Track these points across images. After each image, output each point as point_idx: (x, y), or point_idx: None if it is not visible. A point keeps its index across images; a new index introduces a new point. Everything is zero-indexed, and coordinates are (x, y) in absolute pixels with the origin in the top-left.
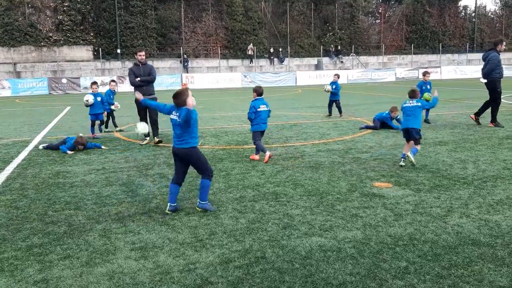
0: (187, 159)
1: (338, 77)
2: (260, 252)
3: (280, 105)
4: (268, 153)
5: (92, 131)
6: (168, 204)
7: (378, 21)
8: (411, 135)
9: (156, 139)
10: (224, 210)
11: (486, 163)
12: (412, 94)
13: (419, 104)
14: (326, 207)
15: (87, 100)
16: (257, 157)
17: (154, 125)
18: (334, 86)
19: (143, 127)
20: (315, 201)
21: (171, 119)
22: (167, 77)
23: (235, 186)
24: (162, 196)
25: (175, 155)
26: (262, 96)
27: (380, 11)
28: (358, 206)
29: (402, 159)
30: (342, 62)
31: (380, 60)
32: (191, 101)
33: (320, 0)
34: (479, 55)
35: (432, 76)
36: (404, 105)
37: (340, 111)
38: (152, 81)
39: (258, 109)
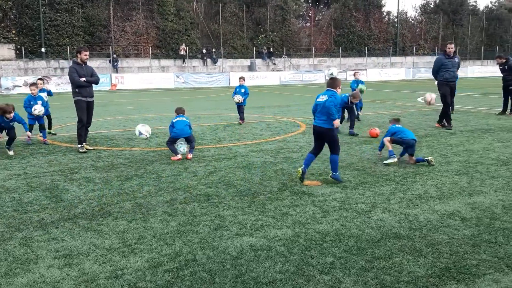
0: (323, 137)
1: (244, 80)
2: (191, 255)
3: (214, 105)
4: (178, 156)
5: (44, 135)
6: (303, 165)
7: (308, 24)
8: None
9: (89, 147)
10: (154, 214)
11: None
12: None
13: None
14: (258, 206)
15: (39, 112)
16: (176, 157)
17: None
18: (243, 90)
19: (146, 130)
20: (247, 201)
21: (318, 101)
22: None
23: (166, 189)
24: (88, 201)
25: (315, 131)
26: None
27: (310, 14)
28: (288, 205)
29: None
30: (274, 63)
31: (311, 62)
32: (340, 87)
33: (252, 2)
34: (401, 59)
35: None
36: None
37: (242, 116)
38: (97, 82)
39: (174, 120)
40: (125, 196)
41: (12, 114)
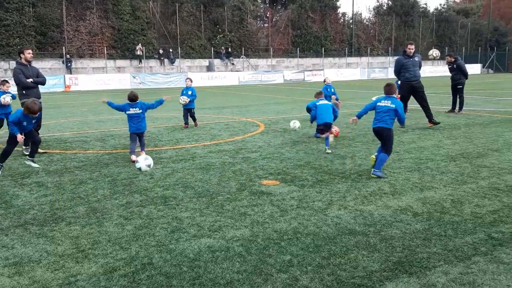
0: (383, 135)
1: (191, 82)
2: (147, 258)
3: (171, 106)
4: (133, 157)
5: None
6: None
7: (266, 25)
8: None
9: (41, 150)
10: (109, 218)
11: (361, 158)
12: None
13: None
14: (216, 207)
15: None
16: (133, 157)
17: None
18: (190, 92)
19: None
20: (205, 202)
21: (380, 105)
22: (49, 78)
23: (122, 192)
24: (40, 206)
25: (376, 132)
26: (136, 101)
27: (267, 15)
28: (247, 205)
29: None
30: (233, 64)
31: (269, 63)
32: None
33: (209, 2)
34: (357, 59)
35: (316, 78)
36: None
37: (194, 119)
38: (43, 83)
39: (128, 112)
40: (78, 201)
41: (38, 114)
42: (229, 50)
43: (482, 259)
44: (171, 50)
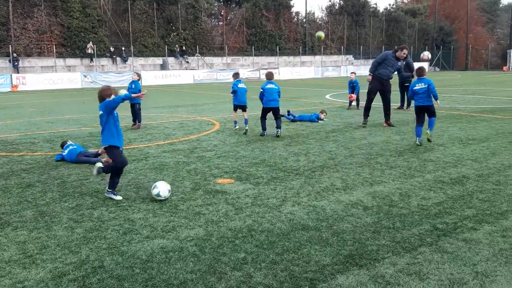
0: (426, 111)
1: (139, 77)
2: (98, 262)
3: (124, 105)
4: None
5: None
6: (417, 137)
7: (220, 23)
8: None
9: None
10: (58, 221)
11: (315, 154)
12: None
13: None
14: (170, 208)
15: None
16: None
17: None
18: (134, 86)
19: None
20: (158, 203)
21: (417, 88)
22: None
23: (71, 194)
24: None
25: (420, 108)
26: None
27: (222, 13)
28: (201, 204)
29: (418, 138)
30: (187, 62)
31: (225, 61)
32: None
33: None
34: (311, 58)
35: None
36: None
37: (139, 120)
38: None
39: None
40: (26, 204)
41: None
42: (183, 48)
43: (428, 249)
44: (123, 48)
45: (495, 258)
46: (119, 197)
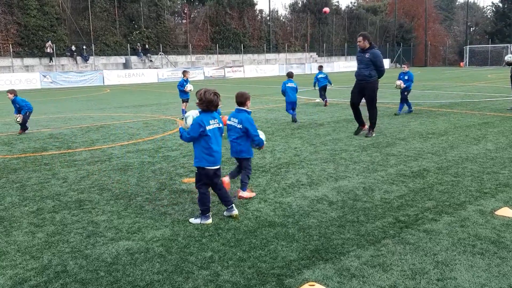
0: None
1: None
2: (61, 266)
3: (86, 106)
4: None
5: None
6: None
7: (184, 21)
8: None
9: None
10: (18, 226)
11: (280, 151)
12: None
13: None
14: (135, 209)
15: None
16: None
17: None
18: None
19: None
20: (123, 204)
21: None
22: None
23: (32, 198)
24: None
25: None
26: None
27: (185, 11)
28: (167, 204)
29: None
30: (151, 60)
31: (189, 60)
32: None
33: None
34: (275, 55)
35: (236, 75)
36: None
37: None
38: None
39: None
40: None
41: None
42: (147, 46)
43: (391, 241)
44: (84, 47)
45: (454, 248)
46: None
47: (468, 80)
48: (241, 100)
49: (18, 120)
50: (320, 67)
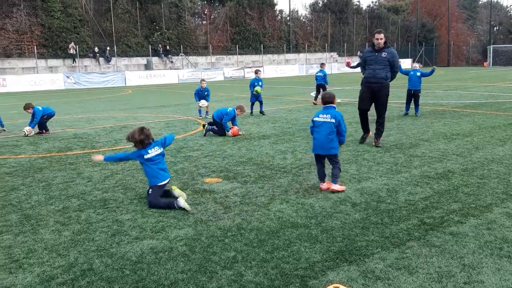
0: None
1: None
2: (87, 264)
3: (109, 106)
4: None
5: None
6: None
7: (204, 22)
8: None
9: None
10: (45, 225)
11: (302, 152)
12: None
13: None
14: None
15: None
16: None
17: None
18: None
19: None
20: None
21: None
22: None
23: (58, 197)
24: None
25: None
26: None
27: (205, 12)
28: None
29: None
30: (172, 61)
31: (209, 60)
32: None
33: None
34: (295, 55)
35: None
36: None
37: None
38: None
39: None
40: (10, 208)
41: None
42: (167, 47)
43: (416, 243)
44: (108, 48)
45: (481, 251)
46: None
47: (492, 80)
48: (329, 99)
49: (25, 134)
50: (321, 65)
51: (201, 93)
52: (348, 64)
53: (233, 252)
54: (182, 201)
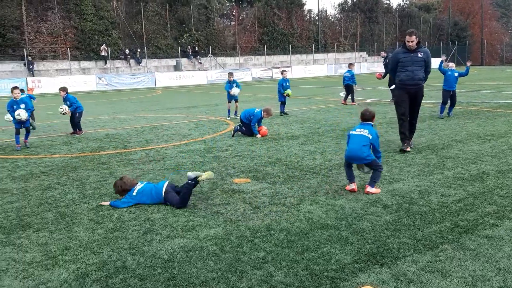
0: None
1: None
2: (120, 262)
3: (140, 107)
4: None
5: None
6: None
7: (232, 23)
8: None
9: None
10: (79, 222)
11: (331, 153)
12: None
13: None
14: (188, 207)
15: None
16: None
17: None
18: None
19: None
20: (176, 208)
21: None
22: (10, 82)
23: (91, 196)
24: (6, 213)
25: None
26: None
27: (234, 13)
28: (219, 204)
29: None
30: (200, 63)
31: (237, 61)
32: None
33: (175, 1)
34: (324, 55)
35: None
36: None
37: (78, 127)
38: None
39: None
40: (46, 206)
41: None
42: (196, 49)
43: (450, 246)
44: (139, 50)
45: None
46: None
47: None
48: (368, 117)
49: (62, 111)
50: (349, 65)
51: (231, 84)
52: (379, 77)
53: (263, 252)
54: (189, 173)
